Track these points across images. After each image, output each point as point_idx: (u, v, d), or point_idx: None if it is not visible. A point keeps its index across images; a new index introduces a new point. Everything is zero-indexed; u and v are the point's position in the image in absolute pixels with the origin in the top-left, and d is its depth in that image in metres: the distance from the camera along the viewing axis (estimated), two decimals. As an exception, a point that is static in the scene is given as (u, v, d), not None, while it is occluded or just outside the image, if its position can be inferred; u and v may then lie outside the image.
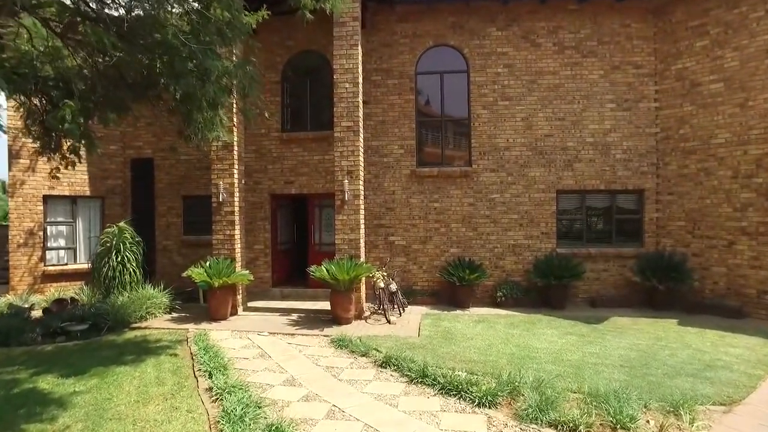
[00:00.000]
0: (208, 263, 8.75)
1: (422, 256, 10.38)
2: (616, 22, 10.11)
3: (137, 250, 9.25)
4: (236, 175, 9.19)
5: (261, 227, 10.70)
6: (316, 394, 5.02)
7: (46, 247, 10.36)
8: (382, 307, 8.54)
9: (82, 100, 6.18)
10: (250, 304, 9.54)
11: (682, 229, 9.65)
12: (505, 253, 10.22)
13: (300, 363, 6.16)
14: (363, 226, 9.12)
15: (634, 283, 9.74)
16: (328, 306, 8.54)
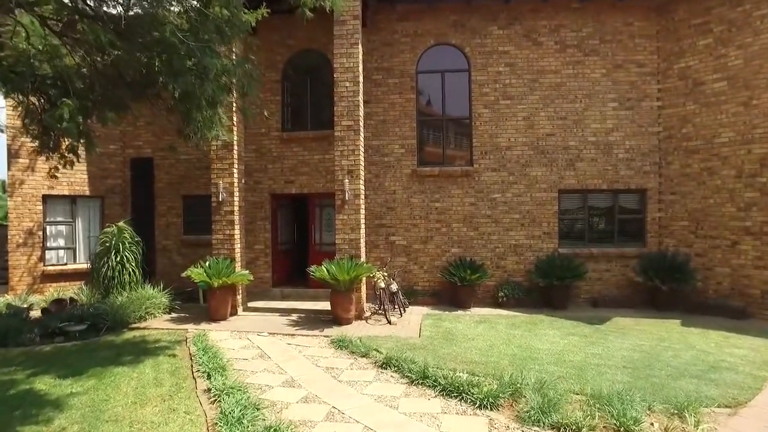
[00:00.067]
0: (207, 263, 8.69)
1: (423, 256, 10.32)
2: (619, 21, 10.04)
3: (136, 250, 9.21)
4: (236, 175, 9.14)
5: (261, 227, 10.65)
6: (316, 396, 4.96)
7: (46, 247, 10.33)
8: (382, 308, 8.48)
9: (81, 99, 6.13)
10: (250, 304, 9.49)
11: (685, 229, 9.58)
12: (506, 253, 10.15)
13: (300, 364, 6.10)
14: (363, 226, 9.06)
15: (636, 284, 9.66)
16: (329, 306, 8.48)
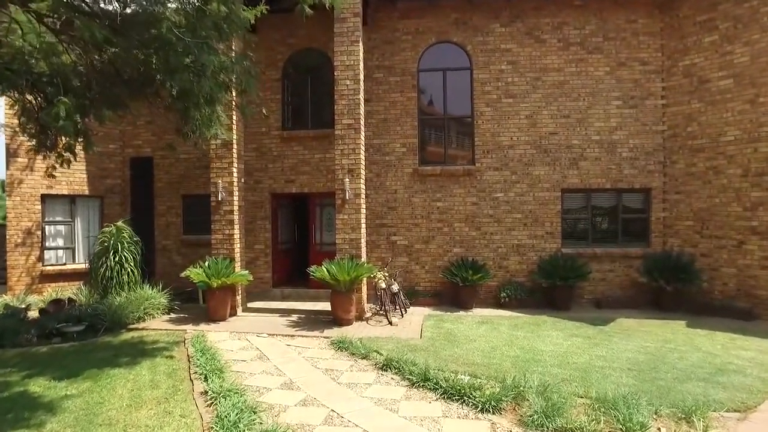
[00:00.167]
0: (207, 263, 8.61)
1: (425, 256, 10.22)
2: (622, 18, 9.92)
3: (135, 250, 9.13)
4: (236, 174, 9.05)
5: (261, 227, 10.57)
6: (315, 398, 4.86)
7: (45, 246, 10.26)
8: (383, 308, 8.37)
9: (77, 97, 6.06)
10: (250, 304, 9.40)
11: (690, 229, 9.45)
12: (509, 253, 10.04)
13: (299, 365, 6.01)
14: (364, 226, 8.97)
15: (640, 284, 9.54)
16: (329, 307, 8.38)
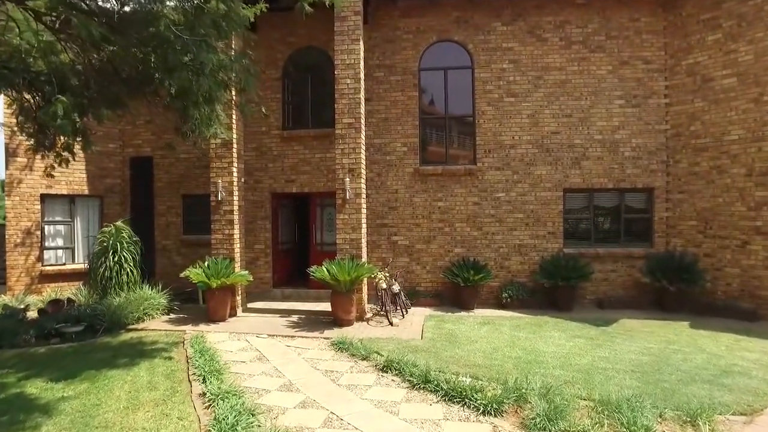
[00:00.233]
0: (206, 263, 8.56)
1: (426, 257, 10.16)
2: (625, 16, 9.84)
3: (135, 250, 9.07)
4: (235, 174, 9.00)
5: (262, 227, 10.52)
6: (314, 400, 4.81)
7: (44, 246, 10.22)
8: (384, 309, 8.31)
9: (75, 96, 6.01)
10: (250, 305, 9.35)
11: (693, 229, 9.38)
12: (510, 254, 9.97)
13: (298, 367, 5.95)
14: (365, 226, 8.91)
15: (643, 284, 9.47)
16: (330, 307, 8.32)
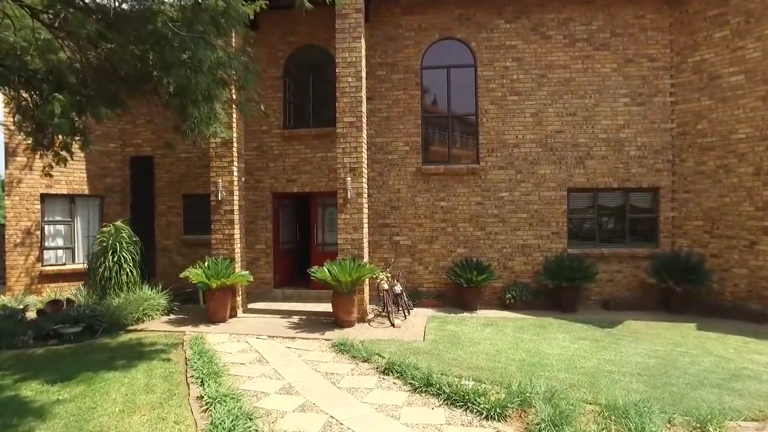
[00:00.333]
0: (206, 263, 8.48)
1: (428, 257, 10.05)
2: (630, 13, 9.71)
3: (134, 250, 8.99)
4: (236, 173, 8.91)
5: (262, 227, 10.43)
6: (313, 404, 4.71)
7: (44, 246, 10.16)
8: (386, 310, 8.21)
9: (73, 94, 5.94)
10: (251, 305, 9.26)
11: (700, 229, 9.24)
12: (514, 254, 9.85)
13: (298, 369, 5.85)
14: (366, 226, 8.81)
15: (648, 285, 9.34)
16: (331, 308, 8.23)
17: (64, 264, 10.42)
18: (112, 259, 8.62)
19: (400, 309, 8.52)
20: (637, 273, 9.59)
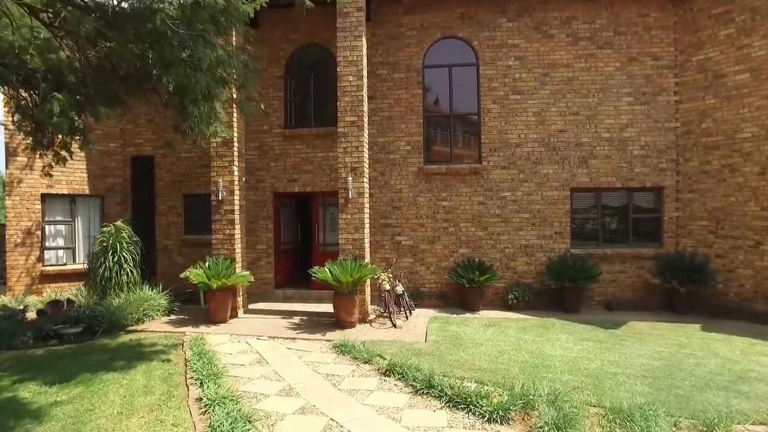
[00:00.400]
0: (207, 264, 8.44)
1: (430, 257, 9.98)
2: (633, 12, 9.63)
3: (135, 250, 8.95)
4: (236, 173, 8.87)
5: (263, 227, 10.38)
6: (314, 406, 4.65)
7: (45, 246, 10.14)
8: (387, 310, 8.16)
9: (72, 93, 5.91)
10: (252, 306, 9.21)
11: (704, 229, 9.15)
12: (516, 254, 9.78)
13: (299, 370, 5.80)
14: (368, 226, 8.75)
15: (652, 286, 9.26)
16: (332, 308, 8.18)
17: (65, 264, 10.40)
18: (113, 259, 8.58)
19: (402, 310, 8.46)
20: (640, 273, 9.51)
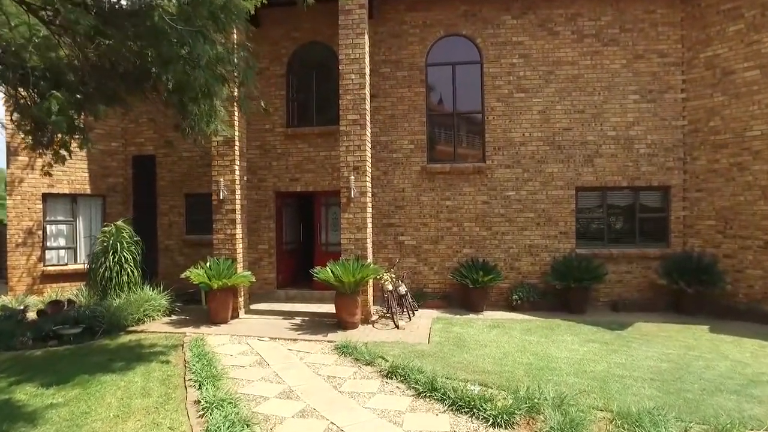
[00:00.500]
0: (208, 264, 8.37)
1: (433, 257, 9.87)
2: (640, 8, 9.48)
3: (135, 250, 8.88)
4: (238, 172, 8.79)
5: (265, 226, 10.30)
6: (314, 409, 4.56)
7: (46, 246, 10.09)
8: (390, 311, 8.06)
9: (71, 92, 5.84)
10: (253, 306, 9.14)
11: (712, 229, 9.00)
12: (520, 254, 9.66)
13: (300, 372, 5.71)
14: (370, 225, 8.65)
15: (659, 286, 9.12)
16: (334, 309, 8.09)
17: (66, 264, 10.35)
18: (113, 259, 8.51)
19: (405, 310, 8.36)
20: (647, 274, 9.36)
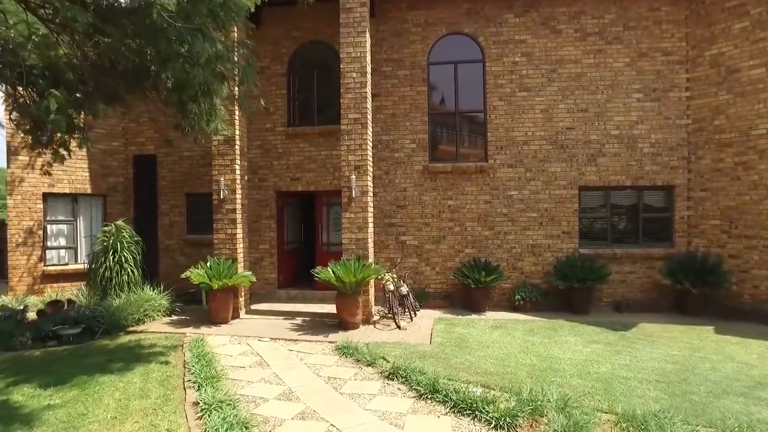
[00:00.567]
0: (208, 264, 8.32)
1: (435, 257, 9.80)
2: (643, 6, 9.39)
3: (136, 250, 8.84)
4: (238, 171, 8.74)
5: (266, 226, 10.25)
6: (314, 411, 4.50)
7: (46, 246, 10.06)
8: (391, 311, 8.00)
9: (71, 90, 5.81)
10: (254, 306, 9.09)
11: (717, 229, 8.91)
12: (523, 254, 9.58)
13: (300, 373, 5.65)
14: (372, 225, 8.59)
15: (663, 287, 9.03)
16: (335, 309, 8.03)
17: (67, 264, 10.32)
18: (113, 259, 8.48)
19: (407, 310, 8.29)
20: (651, 274, 9.28)
